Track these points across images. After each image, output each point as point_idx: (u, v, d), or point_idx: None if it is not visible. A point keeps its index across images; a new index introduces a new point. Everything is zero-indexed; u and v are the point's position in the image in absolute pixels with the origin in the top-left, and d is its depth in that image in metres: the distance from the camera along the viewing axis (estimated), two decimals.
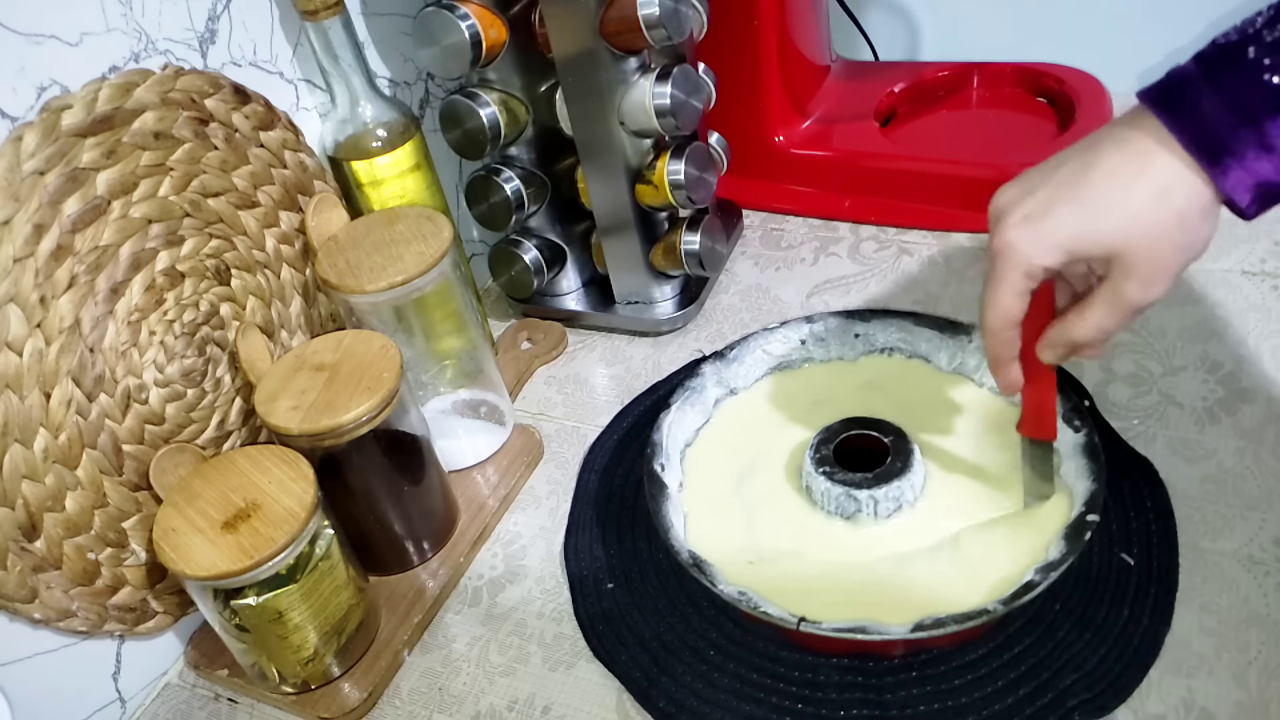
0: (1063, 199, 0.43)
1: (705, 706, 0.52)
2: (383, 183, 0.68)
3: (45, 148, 0.51)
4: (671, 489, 0.59)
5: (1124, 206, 0.41)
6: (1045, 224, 0.43)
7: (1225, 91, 0.40)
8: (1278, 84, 0.39)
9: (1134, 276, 0.42)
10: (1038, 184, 0.44)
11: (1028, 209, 0.44)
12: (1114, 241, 0.42)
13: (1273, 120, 0.39)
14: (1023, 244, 0.43)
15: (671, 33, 0.64)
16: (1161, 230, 0.41)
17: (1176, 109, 0.41)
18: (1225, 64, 0.40)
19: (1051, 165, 0.44)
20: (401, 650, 0.60)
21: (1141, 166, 0.41)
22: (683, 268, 0.76)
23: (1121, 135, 0.42)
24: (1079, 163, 0.43)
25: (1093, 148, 0.43)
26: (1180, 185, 0.41)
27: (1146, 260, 0.42)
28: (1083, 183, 0.42)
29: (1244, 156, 0.40)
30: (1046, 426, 0.52)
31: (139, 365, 0.56)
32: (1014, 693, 0.50)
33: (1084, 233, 0.42)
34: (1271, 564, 0.53)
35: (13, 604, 0.52)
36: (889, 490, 0.54)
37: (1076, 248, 0.43)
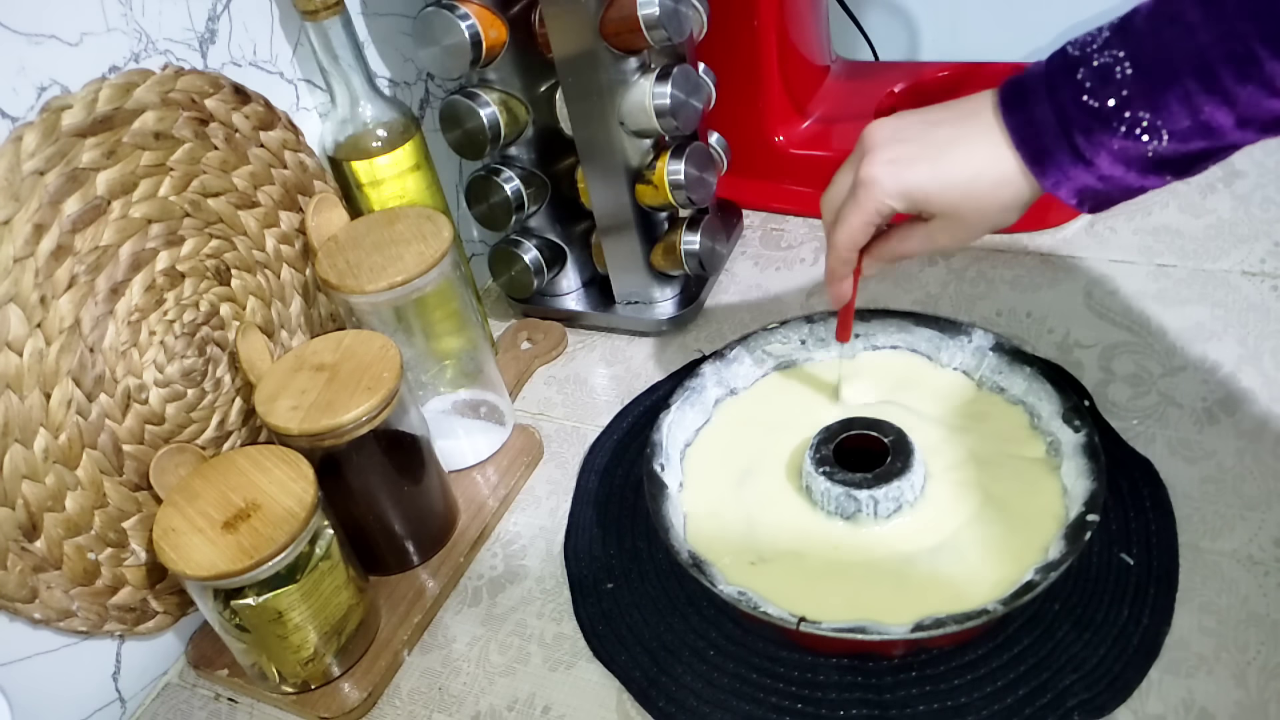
0: (926, 158, 0.49)
1: (705, 706, 0.52)
2: (383, 183, 0.68)
3: (45, 148, 0.51)
4: (671, 489, 0.59)
5: (970, 184, 0.48)
6: (905, 173, 0.49)
7: (1055, 104, 0.45)
8: (1094, 106, 0.44)
9: (951, 231, 0.50)
10: (912, 136, 0.50)
11: (896, 154, 0.50)
12: (950, 207, 0.49)
13: (1083, 136, 0.44)
14: (884, 183, 0.50)
15: (671, 33, 0.64)
16: (987, 210, 0.49)
17: (1016, 110, 0.47)
18: (1063, 76, 0.45)
19: (930, 121, 0.50)
20: (401, 650, 0.60)
21: (992, 159, 0.47)
22: (683, 268, 0.76)
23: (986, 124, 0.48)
24: (950, 133, 0.49)
25: (963, 123, 0.49)
26: (1013, 181, 0.47)
27: (966, 225, 0.50)
28: (947, 153, 0.49)
29: (1062, 165, 0.45)
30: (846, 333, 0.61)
31: (139, 365, 0.56)
32: (1014, 693, 0.50)
33: (933, 194, 0.49)
34: (1271, 564, 0.53)
35: (13, 604, 0.52)
36: (889, 490, 0.54)
37: (923, 202, 0.50)
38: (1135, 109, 0.43)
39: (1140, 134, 0.43)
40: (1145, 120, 0.43)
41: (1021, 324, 0.71)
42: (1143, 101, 0.42)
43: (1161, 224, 0.76)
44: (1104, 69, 0.43)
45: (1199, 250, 0.73)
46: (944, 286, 0.76)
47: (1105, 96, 0.43)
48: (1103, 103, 0.43)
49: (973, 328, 0.63)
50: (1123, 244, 0.75)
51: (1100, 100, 0.43)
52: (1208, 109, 0.41)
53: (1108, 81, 0.43)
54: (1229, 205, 0.76)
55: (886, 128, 0.51)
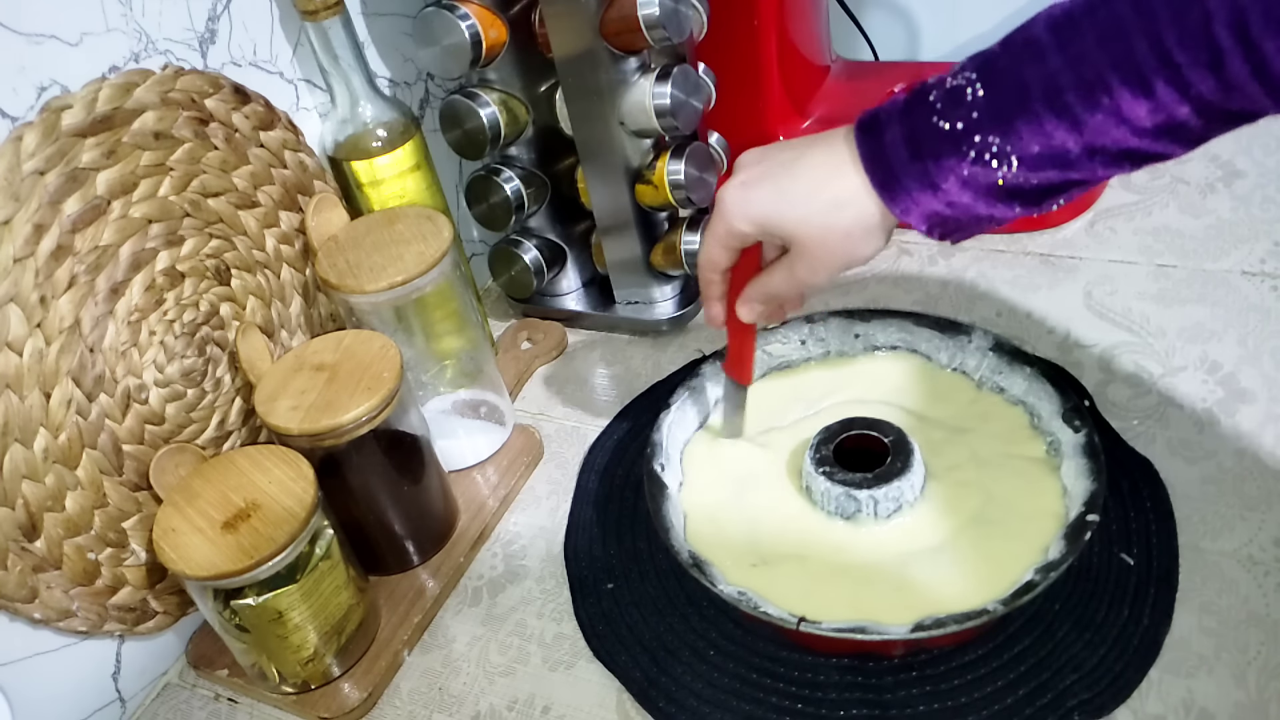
0: (769, 179, 0.48)
1: (705, 706, 0.52)
2: (383, 183, 0.68)
3: (45, 148, 0.51)
4: (671, 489, 0.59)
5: (806, 205, 0.47)
6: (749, 195, 0.49)
7: (906, 126, 0.44)
8: (944, 129, 0.42)
9: (802, 261, 0.49)
10: (765, 157, 0.49)
11: (747, 176, 0.49)
12: (790, 231, 0.48)
13: (933, 160, 0.43)
14: (731, 206, 0.49)
15: (671, 33, 0.64)
16: (829, 234, 0.47)
17: (869, 135, 0.45)
18: (916, 102, 0.44)
19: (785, 146, 0.49)
20: (401, 650, 0.60)
21: (831, 175, 0.46)
22: (683, 268, 0.76)
23: (833, 143, 0.47)
24: (796, 154, 0.48)
25: (814, 144, 0.48)
26: (854, 203, 0.46)
27: (813, 254, 0.48)
28: (788, 172, 0.47)
29: (910, 189, 0.44)
30: (742, 371, 0.58)
31: (139, 365, 0.56)
32: (1014, 693, 0.50)
33: (772, 215, 0.48)
34: (1271, 564, 0.53)
35: (13, 604, 0.52)
36: (889, 490, 0.54)
37: (766, 225, 0.48)
38: (985, 132, 0.42)
39: (989, 159, 0.42)
40: (995, 145, 0.42)
41: (1021, 324, 0.71)
42: (992, 125, 0.41)
43: (1161, 224, 0.76)
44: (955, 91, 0.42)
45: (1199, 250, 0.73)
46: (944, 286, 0.76)
47: (955, 119, 0.42)
48: (952, 124, 0.42)
49: (973, 328, 0.63)
50: (1123, 244, 0.75)
51: (950, 122, 0.42)
52: (1058, 135, 0.40)
53: (958, 104, 0.42)
54: (1229, 205, 0.76)
55: (753, 153, 0.50)
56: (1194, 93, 0.38)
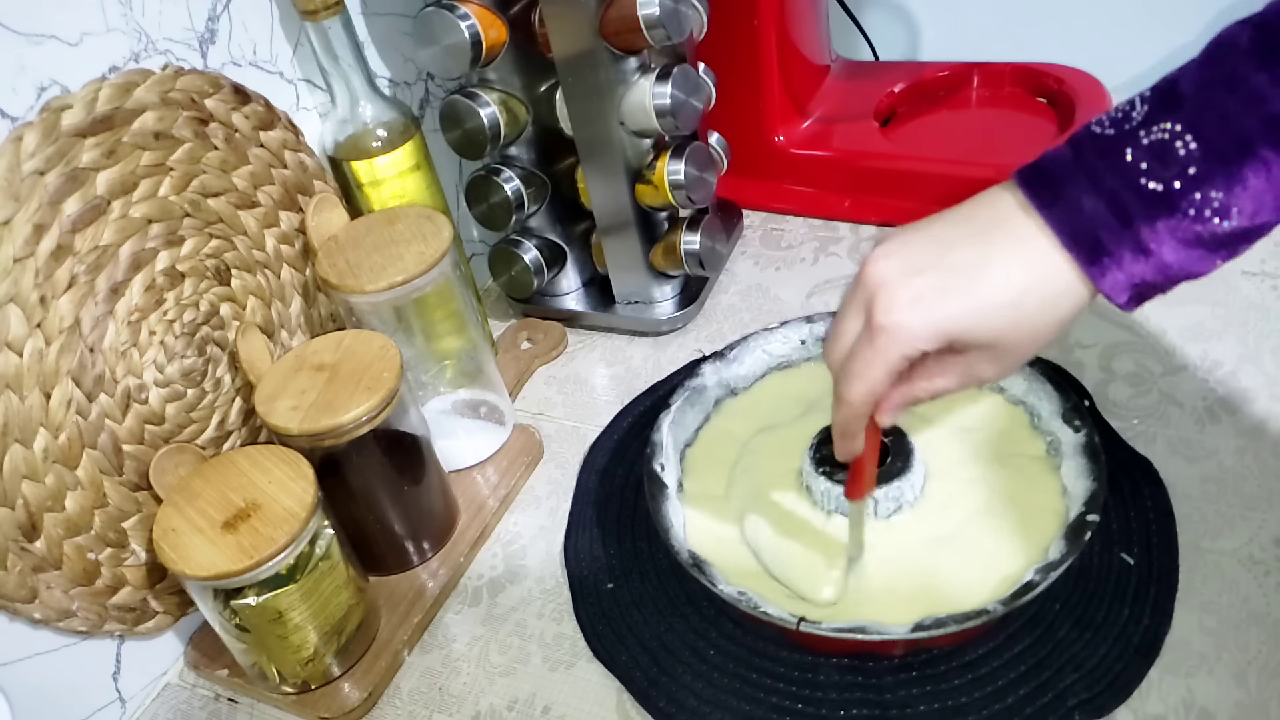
0: (956, 289, 0.42)
1: (705, 706, 0.52)
2: (383, 183, 0.68)
3: (45, 148, 0.51)
4: (671, 489, 0.59)
5: (1014, 311, 0.42)
6: (937, 311, 0.42)
7: (1104, 191, 0.40)
8: (1154, 190, 0.39)
9: (996, 363, 0.44)
10: (926, 265, 0.43)
11: (918, 291, 0.43)
12: (995, 336, 0.43)
13: (1147, 225, 0.39)
14: (911, 326, 0.42)
15: (671, 33, 0.64)
16: (1041, 330, 0.43)
17: (1054, 205, 0.41)
18: (1102, 161, 0.40)
19: (940, 243, 0.43)
20: (401, 650, 0.60)
21: (1036, 272, 0.41)
22: (683, 268, 0.76)
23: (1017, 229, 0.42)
24: (975, 254, 0.42)
25: (988, 238, 0.42)
26: (1069, 290, 0.41)
27: (1014, 353, 0.43)
28: (978, 278, 0.42)
29: (1121, 259, 0.40)
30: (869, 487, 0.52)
31: (139, 365, 0.56)
32: (1014, 693, 0.50)
33: (973, 327, 0.42)
34: (1271, 564, 0.53)
35: (13, 604, 0.52)
36: (889, 490, 0.54)
37: (961, 337, 0.43)
38: (1205, 188, 0.38)
39: (1210, 215, 0.38)
40: (1217, 200, 0.38)
41: None
42: (1213, 179, 0.38)
43: None
44: (1160, 146, 0.39)
45: None
46: None
47: (1169, 178, 0.38)
48: (1168, 185, 0.38)
49: None
50: None
51: (1163, 182, 0.38)
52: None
53: (1168, 161, 0.38)
54: None
55: (892, 259, 0.43)
56: None
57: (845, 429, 0.48)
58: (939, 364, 0.45)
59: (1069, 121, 0.82)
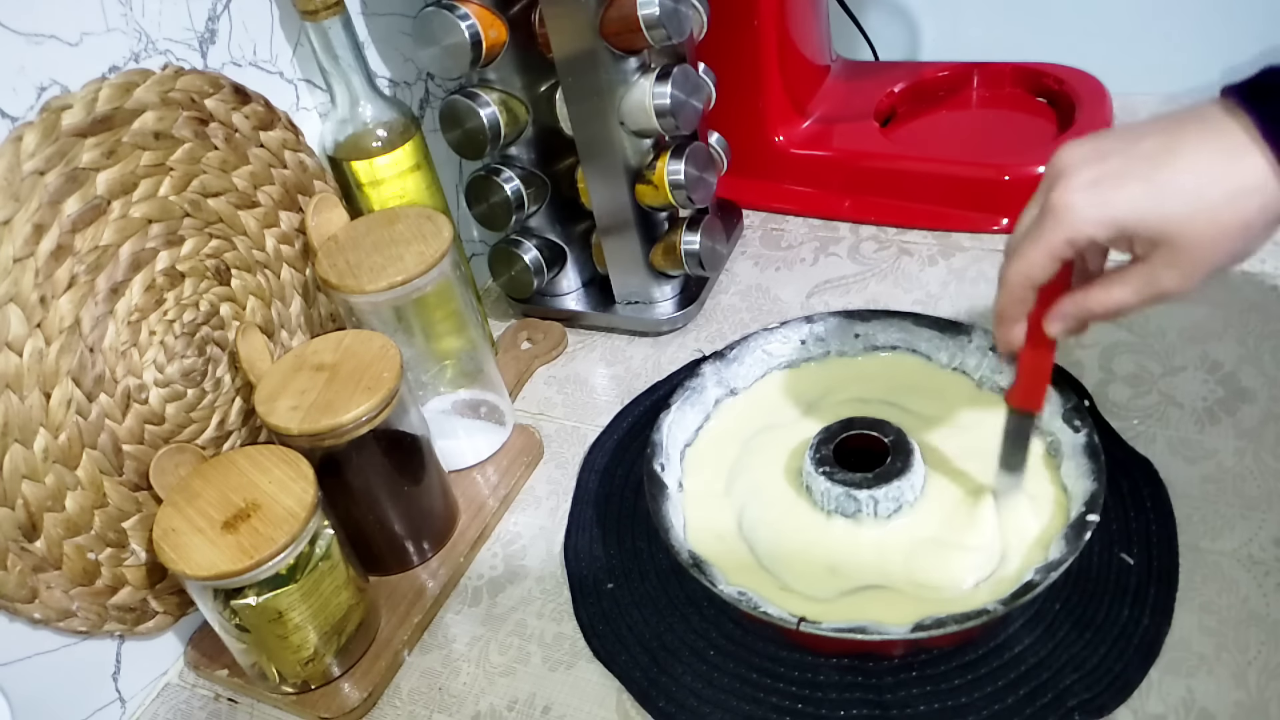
0: (1137, 174, 0.40)
1: (705, 706, 0.52)
2: (383, 183, 0.68)
3: (45, 148, 0.51)
4: (671, 489, 0.59)
5: (1197, 197, 0.39)
6: (1113, 195, 0.41)
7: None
8: None
9: (1176, 266, 0.41)
10: (1112, 151, 0.42)
11: (1097, 174, 0.41)
12: (1173, 230, 0.40)
13: None
14: (1083, 209, 0.41)
15: (671, 33, 0.64)
16: (1224, 231, 0.40)
17: (1268, 104, 0.38)
18: None
19: (1131, 136, 0.42)
20: (401, 650, 0.60)
21: (1229, 162, 0.39)
22: (683, 268, 0.76)
23: (1214, 123, 0.40)
24: (1163, 141, 0.41)
25: (1180, 129, 0.41)
26: (1261, 189, 0.39)
27: (1195, 256, 0.40)
28: (1163, 163, 0.40)
29: None
30: (1037, 398, 0.51)
31: (139, 365, 0.56)
32: (1014, 693, 0.50)
33: (1149, 214, 0.40)
34: (1271, 564, 0.53)
35: (13, 604, 0.52)
36: (889, 490, 0.54)
37: (1134, 227, 0.41)
38: None
39: None
40: None
41: None
42: None
43: None
44: None
45: None
46: (944, 286, 0.76)
47: None
48: None
49: (973, 328, 0.63)
50: None
51: None
52: None
53: None
54: None
55: (1082, 147, 0.43)
56: None
57: (1004, 312, 0.47)
58: (1120, 271, 0.43)
59: (1069, 121, 0.82)
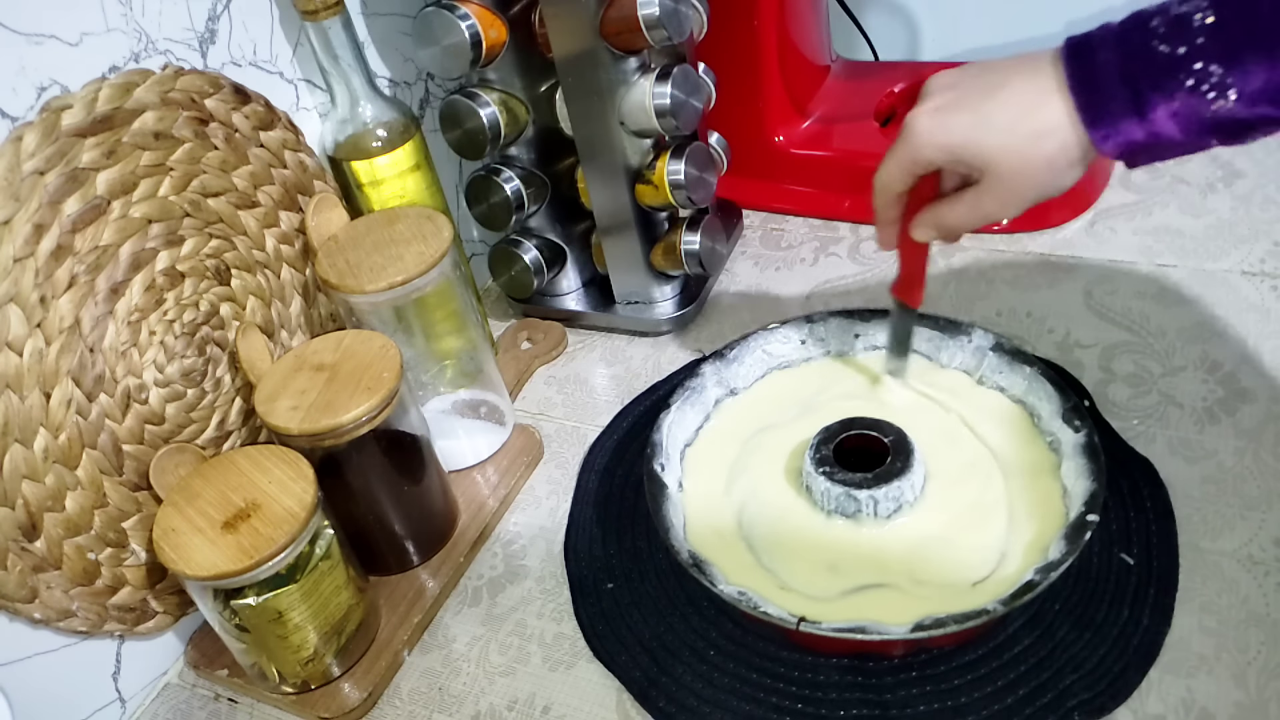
0: (967, 105, 0.46)
1: (705, 706, 0.52)
2: (383, 183, 0.68)
3: (45, 148, 0.51)
4: (671, 489, 0.59)
5: (1007, 134, 0.45)
6: (946, 120, 0.47)
7: (1121, 50, 0.42)
8: (1163, 52, 0.41)
9: (994, 192, 0.47)
10: (960, 82, 0.47)
11: (941, 101, 0.47)
12: (988, 159, 0.46)
13: (1149, 86, 0.41)
14: (922, 132, 0.47)
15: (671, 33, 0.64)
16: (1029, 165, 0.45)
17: (1079, 60, 0.44)
18: (1134, 27, 0.42)
19: (980, 68, 0.48)
20: (401, 650, 0.60)
21: (1035, 104, 0.44)
22: (683, 268, 0.76)
23: (1035, 68, 0.45)
24: (998, 78, 0.46)
25: (1016, 68, 0.46)
26: (1059, 131, 0.44)
27: (1008, 184, 0.46)
28: (987, 99, 0.46)
29: (1115, 115, 0.43)
30: (913, 292, 0.58)
31: (139, 365, 0.56)
32: (1014, 693, 0.50)
33: (969, 144, 0.46)
34: (1271, 564, 0.53)
35: (13, 604, 0.52)
36: (889, 490, 0.54)
37: (959, 153, 0.47)
38: (1208, 61, 0.40)
39: (1207, 90, 0.40)
40: (1215, 76, 0.40)
41: (1021, 324, 0.71)
42: (1218, 54, 0.40)
43: (1161, 224, 0.76)
44: (1182, 18, 0.41)
45: (1199, 250, 0.73)
46: (944, 286, 0.76)
47: (1176, 44, 0.40)
48: (1173, 49, 0.40)
49: (973, 328, 0.63)
50: (1123, 244, 0.75)
51: (1171, 47, 0.40)
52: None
53: (1184, 29, 0.40)
54: (1229, 205, 0.76)
55: (945, 75, 0.48)
56: None
57: (876, 215, 0.54)
58: (957, 196, 0.49)
59: None
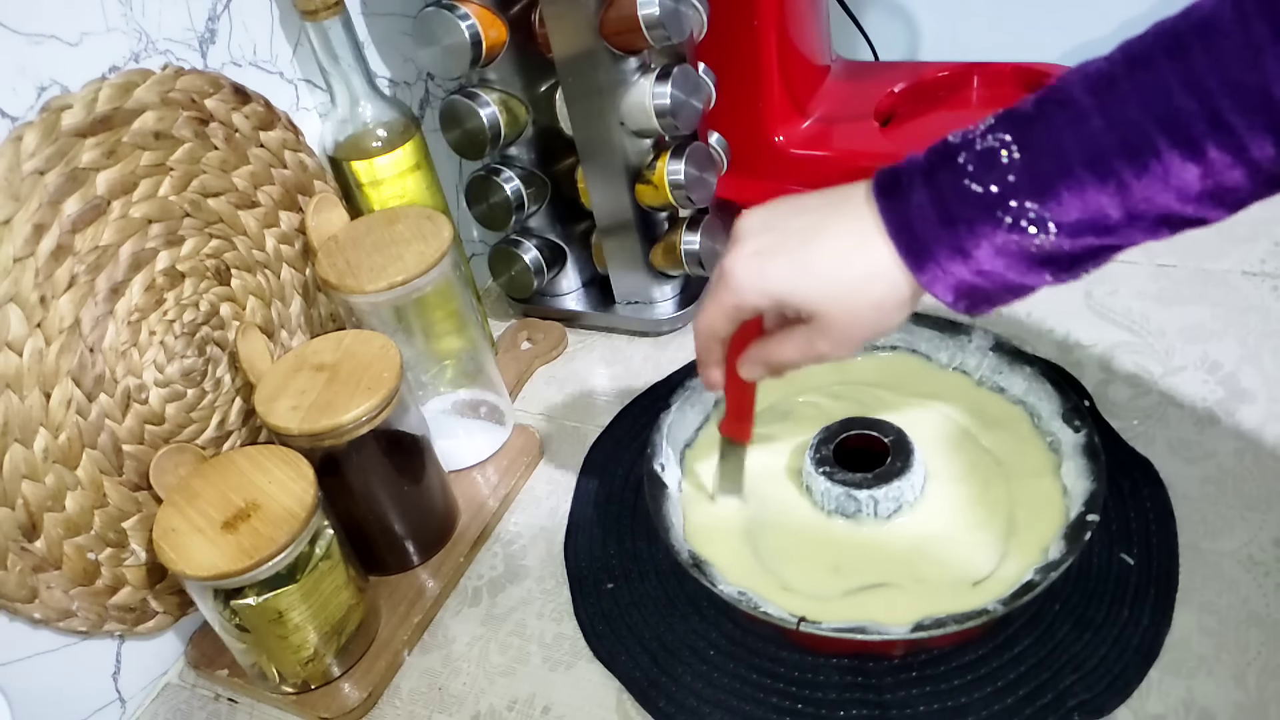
0: (786, 250, 0.44)
1: (705, 706, 0.52)
2: (383, 183, 0.68)
3: (45, 148, 0.51)
4: (671, 489, 0.59)
5: (832, 279, 0.44)
6: (765, 267, 0.45)
7: (933, 190, 0.41)
8: (976, 191, 0.40)
9: (826, 336, 0.45)
10: (776, 224, 0.46)
11: (758, 245, 0.45)
12: (815, 305, 0.44)
13: (965, 226, 0.40)
14: (742, 279, 0.45)
15: (671, 33, 0.64)
16: (858, 308, 0.44)
17: (892, 199, 0.42)
18: (942, 164, 0.41)
19: (794, 209, 0.46)
20: (401, 650, 0.60)
21: (858, 246, 0.43)
22: (683, 268, 0.76)
23: (851, 210, 0.44)
24: (815, 220, 0.45)
25: (832, 209, 0.45)
26: (884, 275, 0.43)
27: (839, 328, 0.45)
28: (808, 243, 0.44)
29: (939, 258, 0.41)
30: (741, 429, 0.56)
31: (139, 365, 0.56)
32: (1014, 693, 0.50)
33: (793, 289, 0.44)
34: (1271, 564, 0.53)
35: (13, 604, 0.52)
36: (889, 490, 0.54)
37: (784, 299, 0.45)
38: (1022, 197, 0.39)
39: (1026, 226, 0.40)
40: (1032, 211, 0.39)
41: (1021, 324, 0.71)
42: (1030, 190, 0.39)
43: None
44: (988, 153, 0.40)
45: (1199, 250, 0.73)
46: None
47: (989, 182, 0.40)
48: (985, 188, 0.40)
49: (973, 328, 0.63)
50: None
51: (983, 185, 0.40)
52: (1100, 200, 0.38)
53: (992, 166, 0.40)
54: None
55: (756, 216, 0.47)
56: (1248, 156, 0.36)
57: (699, 357, 0.52)
58: (788, 332, 0.47)
59: None
